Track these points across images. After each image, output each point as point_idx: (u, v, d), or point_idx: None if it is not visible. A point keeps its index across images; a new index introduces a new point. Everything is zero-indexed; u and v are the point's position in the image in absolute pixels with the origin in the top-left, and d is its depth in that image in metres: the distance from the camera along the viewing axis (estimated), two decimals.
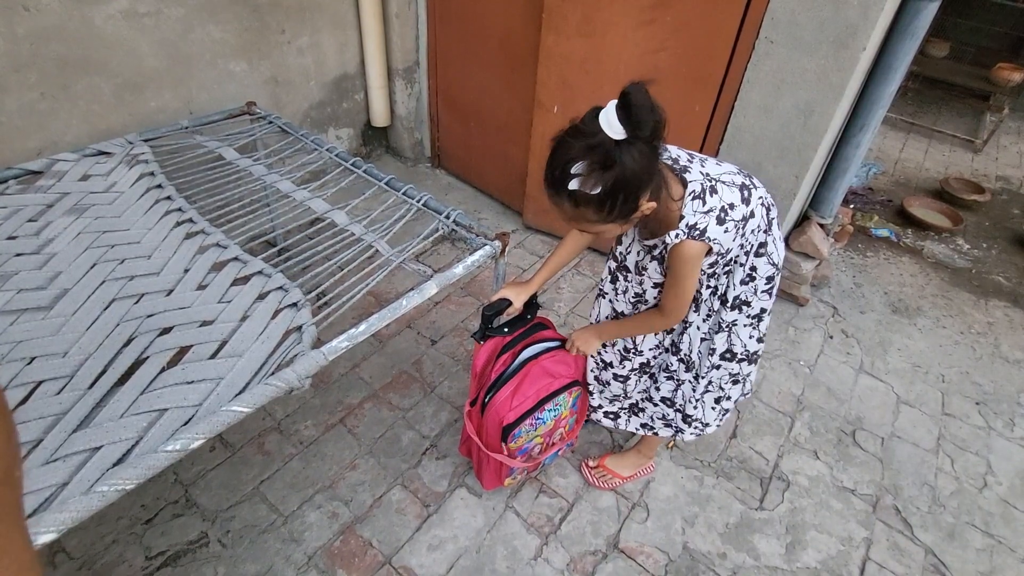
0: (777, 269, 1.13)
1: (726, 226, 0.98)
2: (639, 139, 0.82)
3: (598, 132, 0.82)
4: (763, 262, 1.10)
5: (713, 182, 0.99)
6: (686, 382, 1.27)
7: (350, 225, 1.41)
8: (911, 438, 1.76)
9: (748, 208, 1.02)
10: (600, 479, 1.53)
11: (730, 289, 1.12)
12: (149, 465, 0.82)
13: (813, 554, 1.44)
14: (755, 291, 1.13)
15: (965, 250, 2.75)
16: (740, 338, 1.19)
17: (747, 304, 1.15)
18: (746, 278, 1.11)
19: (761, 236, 1.08)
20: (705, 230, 0.97)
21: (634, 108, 0.79)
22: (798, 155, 1.73)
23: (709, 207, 0.97)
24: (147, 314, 1.13)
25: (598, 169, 0.84)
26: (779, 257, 1.12)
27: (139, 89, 1.80)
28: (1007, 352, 2.13)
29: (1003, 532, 1.52)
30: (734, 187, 1.01)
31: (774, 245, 1.11)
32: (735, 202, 1.00)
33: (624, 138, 0.82)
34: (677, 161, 1.02)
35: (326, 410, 1.68)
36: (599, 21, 1.85)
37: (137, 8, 1.69)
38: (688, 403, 1.29)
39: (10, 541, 0.36)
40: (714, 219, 0.97)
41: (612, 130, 0.81)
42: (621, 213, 0.90)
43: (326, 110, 2.48)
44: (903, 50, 1.74)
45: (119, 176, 1.50)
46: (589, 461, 1.57)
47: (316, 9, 2.20)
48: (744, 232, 1.03)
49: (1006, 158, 3.74)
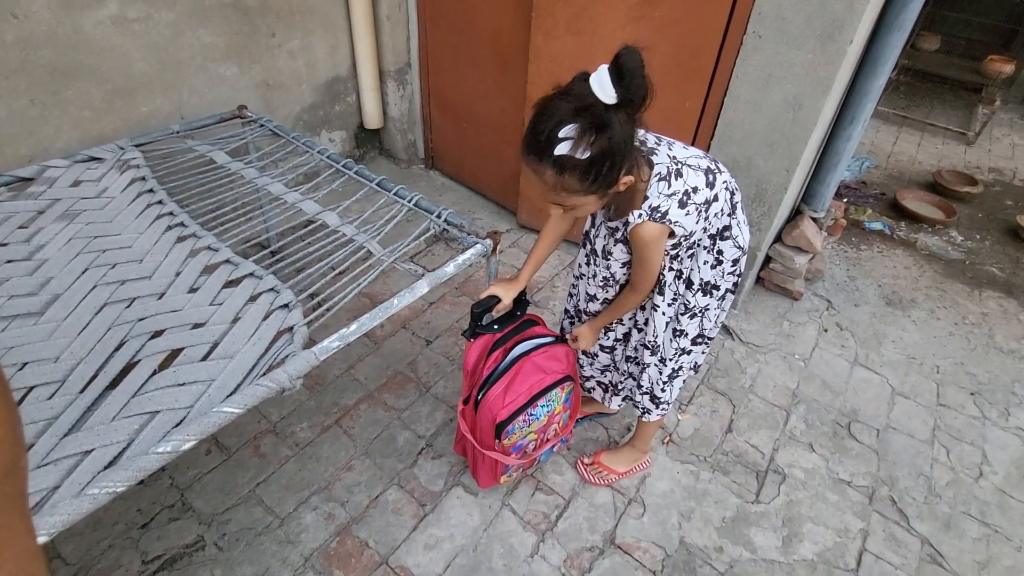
0: (743, 251, 1.15)
1: (687, 209, 0.99)
2: (630, 104, 0.81)
3: (588, 94, 0.79)
4: (728, 245, 1.12)
5: (679, 165, 1.00)
6: (651, 365, 1.29)
7: (342, 226, 1.41)
8: (906, 429, 1.77)
9: (712, 192, 1.03)
10: (596, 475, 1.53)
11: (695, 272, 1.14)
12: (140, 467, 0.82)
13: (810, 546, 1.44)
14: (722, 274, 1.15)
15: (959, 242, 2.76)
16: (711, 320, 1.21)
17: (716, 288, 1.17)
18: (714, 262, 1.13)
19: (725, 219, 1.09)
20: (667, 212, 0.98)
21: (627, 71, 0.77)
22: (788, 149, 1.73)
23: (673, 190, 0.98)
24: (139, 318, 1.13)
25: (590, 131, 0.81)
26: (744, 240, 1.14)
27: (130, 94, 1.80)
28: (1001, 342, 2.14)
29: (999, 521, 1.53)
30: (699, 171, 1.01)
31: (739, 228, 1.12)
32: (699, 185, 1.00)
33: (616, 103, 0.80)
34: (644, 143, 1.02)
35: (321, 412, 1.68)
36: (588, 19, 1.85)
37: (127, 14, 1.70)
38: (656, 385, 1.32)
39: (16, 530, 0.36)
40: (676, 202, 0.98)
41: (604, 93, 0.79)
42: (603, 183, 0.89)
43: (318, 113, 2.48)
44: (891, 43, 1.74)
45: (110, 181, 1.50)
46: (584, 458, 1.57)
47: (306, 12, 2.20)
48: (708, 216, 1.05)
49: (999, 150, 3.75)
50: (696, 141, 1.89)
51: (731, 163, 1.86)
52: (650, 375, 1.31)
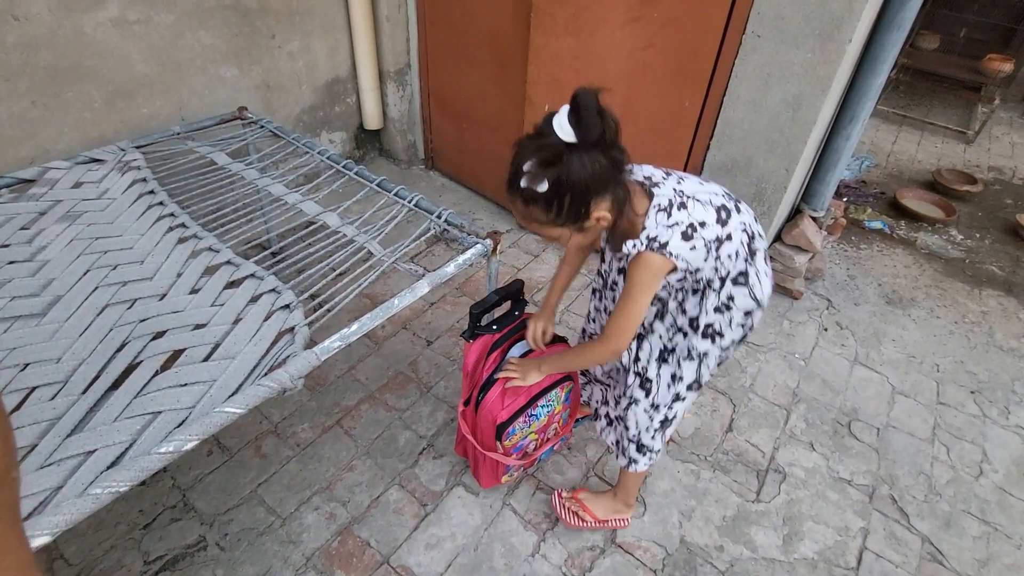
0: (759, 304, 1.07)
1: (693, 243, 0.95)
2: (589, 144, 0.84)
3: (551, 134, 0.84)
4: (742, 293, 1.05)
5: (685, 198, 0.97)
6: (641, 406, 1.21)
7: (342, 227, 1.41)
8: (906, 428, 1.77)
9: (724, 230, 0.98)
10: (571, 515, 1.42)
11: (702, 315, 1.08)
12: (142, 467, 0.83)
13: (810, 545, 1.44)
14: (730, 322, 1.08)
15: (958, 240, 2.76)
16: (708, 368, 1.14)
17: (720, 335, 1.09)
18: (721, 306, 1.07)
19: (741, 264, 1.03)
20: (667, 244, 0.94)
21: (581, 112, 0.81)
22: (787, 148, 1.74)
23: (674, 220, 0.95)
24: (140, 319, 1.14)
25: (543, 166, 0.86)
26: (762, 293, 1.06)
27: (130, 96, 1.81)
28: (1001, 341, 2.14)
29: (999, 519, 1.53)
30: (709, 206, 0.98)
31: (757, 278, 1.05)
32: (707, 221, 0.97)
33: (574, 142, 0.83)
34: (651, 179, 1.01)
35: (323, 412, 1.68)
36: (587, 19, 1.86)
37: (127, 16, 1.70)
38: (644, 432, 1.24)
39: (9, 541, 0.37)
40: (678, 233, 0.95)
41: (563, 133, 0.83)
42: (570, 216, 0.91)
43: (318, 114, 2.48)
44: (890, 42, 1.75)
45: (111, 183, 1.50)
46: (563, 492, 1.46)
47: (306, 13, 2.21)
48: (719, 255, 1.00)
49: (998, 148, 3.75)
50: (696, 140, 1.90)
51: (731, 162, 1.87)
52: (638, 419, 1.22)
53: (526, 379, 1.25)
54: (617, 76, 1.90)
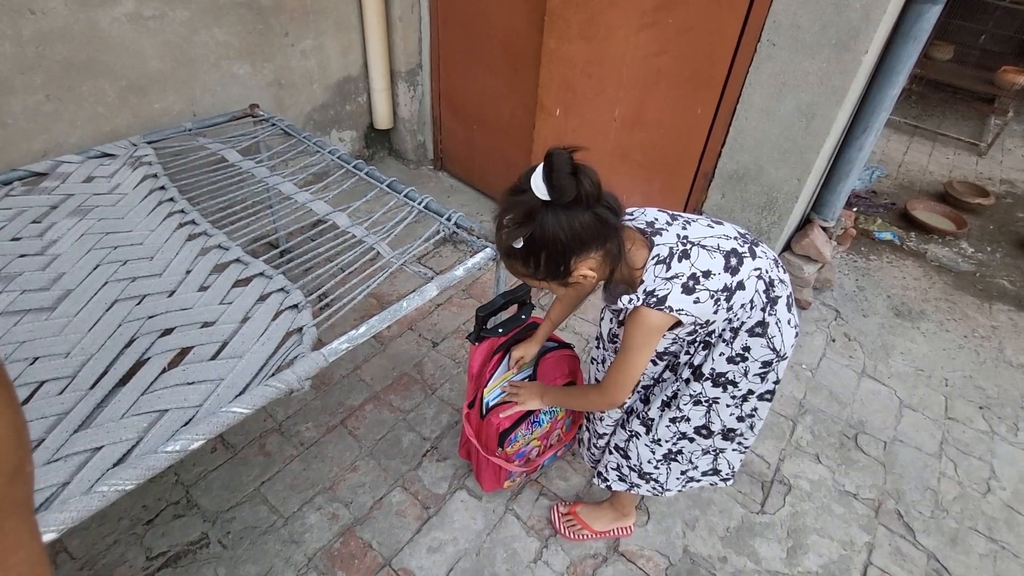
0: (779, 356, 0.99)
1: (697, 295, 0.89)
2: (565, 203, 0.81)
3: (528, 190, 0.82)
4: (759, 344, 0.98)
5: (688, 246, 0.91)
6: (641, 440, 1.17)
7: (351, 227, 1.41)
8: (914, 442, 1.75)
9: (733, 279, 0.92)
10: (569, 529, 1.40)
11: (706, 364, 1.02)
12: (149, 466, 0.83)
13: (814, 559, 1.43)
14: (745, 373, 1.01)
15: (969, 253, 2.74)
16: (720, 416, 1.08)
17: (734, 384, 1.03)
18: (736, 357, 1.00)
19: (757, 314, 0.96)
20: (665, 299, 0.89)
21: (553, 174, 0.79)
22: (800, 158, 1.72)
23: (674, 273, 0.89)
24: (149, 315, 1.14)
25: (517, 224, 0.85)
26: (784, 344, 0.98)
27: (143, 91, 1.81)
28: (1011, 356, 2.12)
29: (1007, 538, 1.51)
30: (716, 253, 0.92)
31: (777, 328, 0.97)
32: (713, 270, 0.90)
33: (549, 200, 0.82)
34: (653, 224, 0.96)
35: (327, 412, 1.68)
36: (601, 24, 1.85)
37: (142, 11, 1.71)
38: (646, 463, 1.19)
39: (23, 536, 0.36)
40: (679, 286, 0.89)
41: (538, 190, 0.81)
42: (549, 273, 0.89)
43: (329, 112, 2.49)
44: (906, 53, 1.73)
45: (123, 178, 1.51)
46: (560, 506, 1.45)
47: (320, 12, 2.21)
48: (731, 306, 0.93)
49: (1010, 161, 3.72)
50: (707, 148, 1.89)
51: (742, 171, 1.86)
52: (640, 451, 1.18)
53: (526, 404, 1.24)
54: (630, 82, 1.90)
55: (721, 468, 1.20)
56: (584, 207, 0.83)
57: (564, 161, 0.80)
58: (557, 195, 0.81)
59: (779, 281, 0.99)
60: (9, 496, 0.34)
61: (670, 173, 2.01)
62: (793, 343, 1.01)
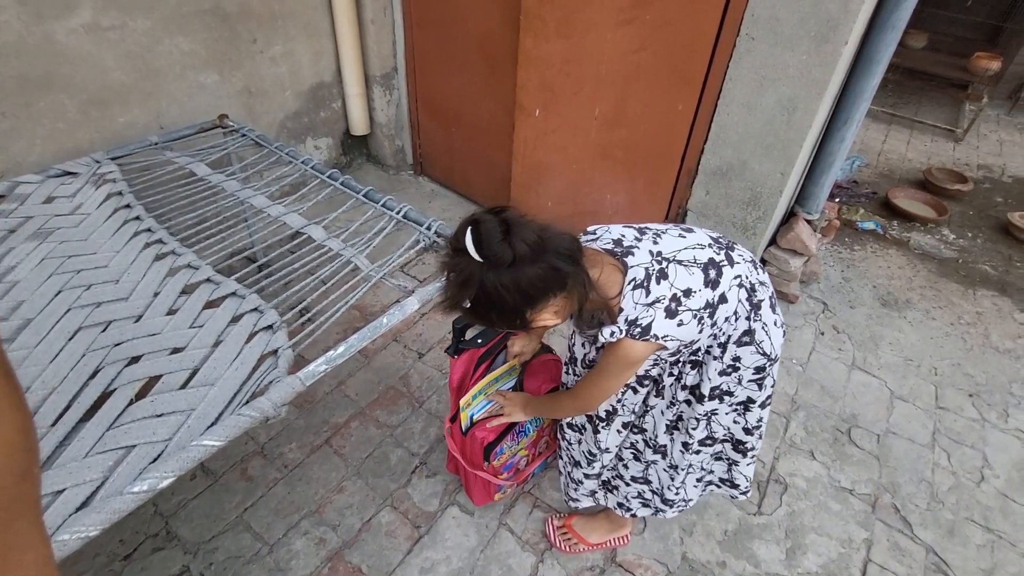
0: (769, 359, 0.96)
1: (680, 318, 0.84)
2: (505, 264, 0.76)
3: (466, 251, 0.76)
4: (749, 352, 0.94)
5: (663, 263, 0.86)
6: (660, 466, 1.14)
7: (328, 240, 1.36)
8: (906, 434, 1.75)
9: (715, 292, 0.87)
10: (564, 542, 1.37)
11: (704, 383, 0.98)
12: (114, 509, 0.77)
13: (814, 558, 1.41)
14: (739, 381, 0.98)
15: (951, 240, 2.75)
16: (722, 424, 1.05)
17: (729, 394, 0.99)
18: (727, 369, 0.96)
19: (743, 324, 0.92)
20: (649, 327, 0.83)
21: (483, 245, 0.75)
22: (783, 151, 1.71)
23: (654, 297, 0.84)
24: (115, 343, 1.08)
25: (459, 286, 0.79)
26: (773, 347, 0.95)
27: (106, 105, 1.74)
28: (997, 342, 2.13)
29: (1003, 527, 1.51)
30: (694, 267, 0.87)
31: (765, 332, 0.93)
32: (693, 287, 0.85)
33: (482, 261, 0.76)
34: (621, 243, 0.90)
35: (311, 431, 1.63)
36: (578, 22, 1.82)
37: (100, 21, 1.63)
38: (667, 489, 1.16)
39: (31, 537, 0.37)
40: (662, 311, 0.83)
41: (473, 251, 0.76)
42: (507, 325, 0.85)
43: (303, 120, 2.42)
44: (884, 43, 1.72)
45: (85, 197, 1.44)
46: (555, 519, 1.41)
47: (289, 17, 2.15)
48: (715, 321, 0.89)
49: (986, 147, 3.77)
50: (690, 144, 1.86)
51: (725, 166, 1.83)
52: (660, 477, 1.15)
53: (512, 416, 1.20)
54: (609, 79, 1.87)
55: (739, 482, 1.16)
56: (529, 263, 0.77)
57: (491, 229, 0.75)
58: (491, 262, 0.76)
59: (760, 284, 0.95)
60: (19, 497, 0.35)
61: (653, 170, 1.99)
62: (782, 343, 0.98)
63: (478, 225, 0.75)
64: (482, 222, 0.75)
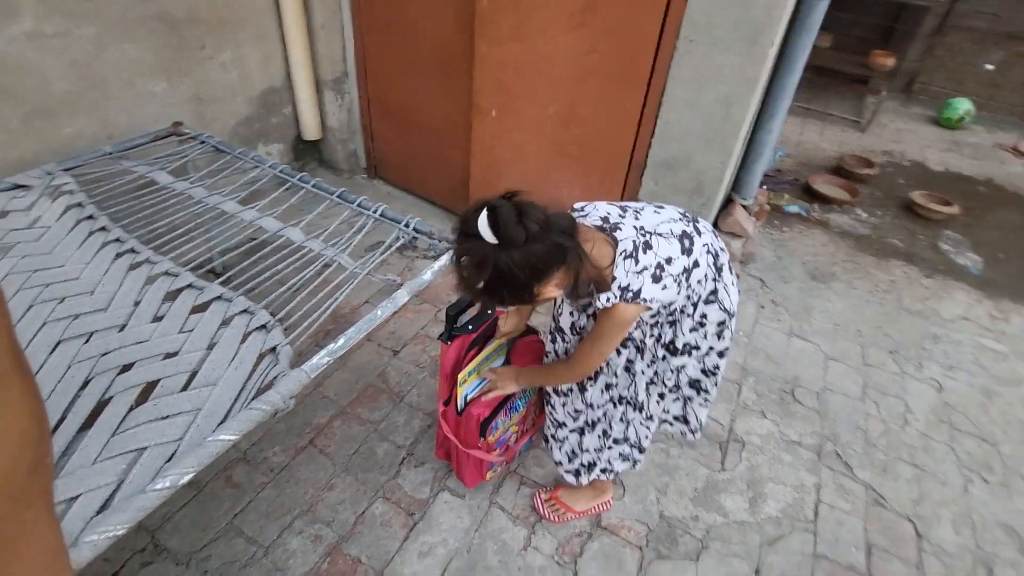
0: (729, 315, 1.10)
1: (664, 283, 0.96)
2: (518, 245, 0.84)
3: (478, 235, 0.83)
4: (714, 309, 1.09)
5: (648, 236, 0.98)
6: (637, 420, 1.26)
7: (307, 242, 1.39)
8: (841, 389, 1.96)
9: (690, 259, 1.00)
10: (553, 512, 1.46)
11: (678, 338, 1.12)
12: (139, 507, 0.79)
13: (773, 504, 1.57)
14: (704, 335, 1.13)
15: (864, 219, 3.07)
16: (687, 374, 1.20)
17: (696, 348, 1.14)
18: (696, 325, 1.11)
19: (710, 284, 1.06)
20: (639, 291, 0.95)
21: (500, 227, 0.82)
22: (722, 144, 1.88)
23: (643, 265, 0.95)
24: (101, 353, 1.07)
25: (474, 268, 0.87)
26: (731, 303, 1.10)
27: (51, 115, 1.67)
28: (909, 304, 2.41)
29: (925, 461, 1.74)
30: (672, 238, 0.99)
31: (726, 292, 1.09)
32: (673, 255, 0.98)
33: (498, 244, 0.83)
34: (607, 219, 1.01)
35: (293, 434, 1.63)
36: (531, 26, 1.92)
37: (43, 29, 1.57)
38: (644, 439, 1.30)
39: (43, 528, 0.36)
40: (648, 277, 0.95)
41: (487, 235, 0.83)
42: (516, 301, 0.93)
43: (254, 126, 2.39)
44: (802, 43, 1.93)
45: (42, 210, 1.39)
46: (542, 492, 1.50)
47: (237, 23, 2.12)
48: (690, 283, 1.02)
49: (887, 135, 4.20)
50: (638, 139, 2.01)
51: (672, 160, 1.99)
52: (638, 431, 1.28)
53: (505, 389, 1.29)
54: (563, 80, 1.98)
55: (690, 419, 1.30)
56: (540, 238, 0.85)
57: (508, 212, 0.82)
58: (507, 243, 0.83)
59: (720, 250, 1.10)
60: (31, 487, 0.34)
61: (606, 165, 2.12)
62: (738, 300, 1.13)
63: (495, 210, 0.82)
64: (499, 207, 0.83)
